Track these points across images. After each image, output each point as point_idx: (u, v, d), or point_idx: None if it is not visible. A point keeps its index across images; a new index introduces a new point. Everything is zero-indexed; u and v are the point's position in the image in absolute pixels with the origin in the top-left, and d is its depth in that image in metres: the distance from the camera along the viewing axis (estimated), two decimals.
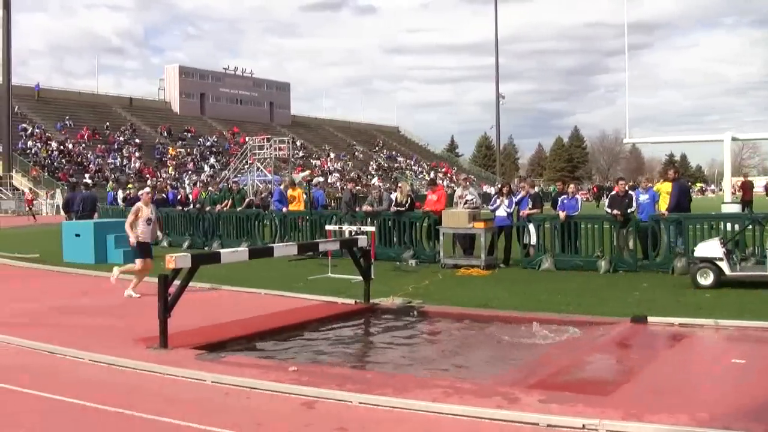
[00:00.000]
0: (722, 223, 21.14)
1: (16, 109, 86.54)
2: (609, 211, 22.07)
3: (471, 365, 11.76)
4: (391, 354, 12.69)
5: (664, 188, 23.25)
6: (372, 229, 22.87)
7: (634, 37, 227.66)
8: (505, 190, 24.44)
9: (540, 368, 10.96)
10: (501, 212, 23.77)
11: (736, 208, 29.68)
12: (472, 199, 24.61)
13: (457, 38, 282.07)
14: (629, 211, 21.66)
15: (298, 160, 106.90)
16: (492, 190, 51.10)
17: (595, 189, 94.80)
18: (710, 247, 18.08)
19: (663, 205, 22.69)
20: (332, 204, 42.89)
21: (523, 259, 22.73)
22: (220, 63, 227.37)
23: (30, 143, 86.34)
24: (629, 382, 10.01)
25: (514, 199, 23.94)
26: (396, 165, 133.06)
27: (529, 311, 15.24)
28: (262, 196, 30.62)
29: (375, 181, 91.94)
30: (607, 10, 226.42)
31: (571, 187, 23.96)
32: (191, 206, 33.64)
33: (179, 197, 36.69)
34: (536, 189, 26.14)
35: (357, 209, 27.36)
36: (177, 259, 12.25)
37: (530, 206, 23.54)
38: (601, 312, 14.95)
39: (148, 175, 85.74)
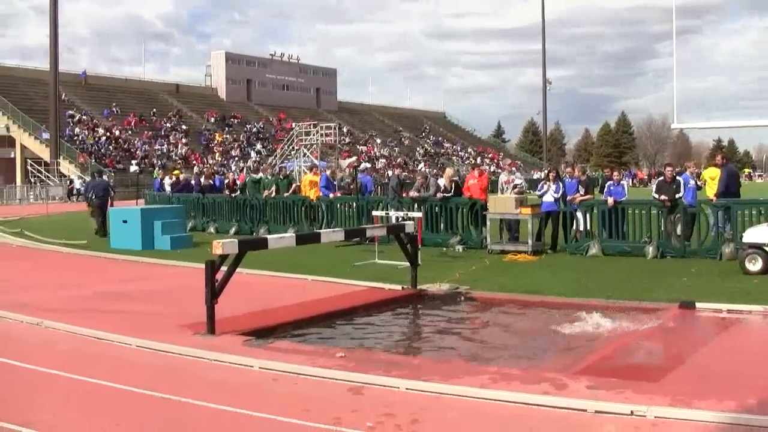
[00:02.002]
0: None
1: (63, 96, 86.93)
2: (656, 196, 21.92)
3: (518, 351, 11.74)
4: (438, 340, 12.70)
5: (712, 174, 23.11)
6: (419, 215, 22.83)
7: (683, 21, 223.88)
8: (551, 175, 24.36)
9: (588, 354, 10.93)
10: (548, 198, 23.70)
11: None
12: (520, 183, 24.58)
13: (504, 23, 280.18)
14: (677, 196, 21.51)
15: (344, 146, 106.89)
16: (542, 176, 50.99)
17: (654, 174, 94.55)
18: (759, 233, 17.93)
19: (711, 190, 22.54)
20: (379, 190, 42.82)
21: (570, 245, 22.65)
22: (266, 49, 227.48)
23: (77, 130, 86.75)
24: (677, 368, 9.94)
25: (561, 185, 23.86)
26: (442, 151, 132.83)
27: (576, 297, 15.21)
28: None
29: (421, 166, 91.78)
30: None
31: (615, 174, 23.79)
32: (239, 191, 33.84)
33: (227, 182, 36.87)
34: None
35: (404, 195, 27.33)
36: (224, 245, 12.29)
37: (582, 192, 23.41)
38: (648, 298, 14.85)
39: (194, 162, 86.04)
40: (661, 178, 23.08)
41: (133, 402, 8.84)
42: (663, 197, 21.50)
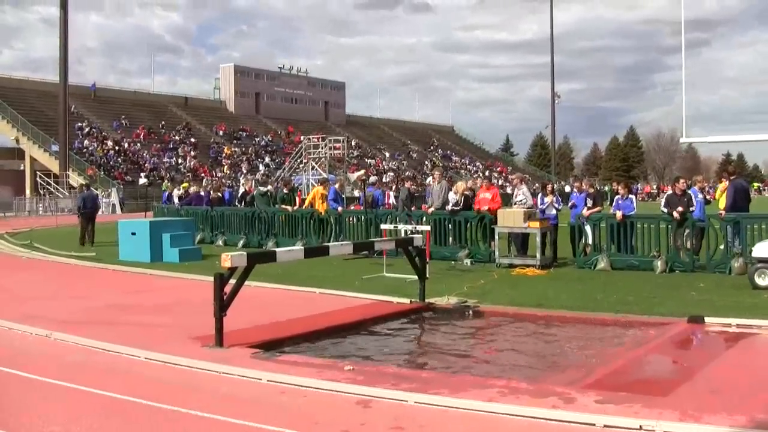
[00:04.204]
0: None
1: (72, 109, 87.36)
2: (665, 210, 21.89)
3: (527, 365, 11.72)
4: (447, 354, 12.67)
5: (723, 188, 23.09)
6: (427, 228, 22.84)
7: (692, 34, 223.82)
8: (549, 188, 24.59)
9: (596, 368, 10.90)
10: (552, 211, 23.80)
11: None
12: (522, 200, 24.55)
13: (513, 36, 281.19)
14: (691, 209, 21.50)
15: (353, 159, 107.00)
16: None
17: (663, 188, 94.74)
18: None
19: (721, 204, 22.51)
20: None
21: (578, 259, 22.63)
22: (274, 61, 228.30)
23: (86, 142, 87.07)
24: (687, 382, 9.92)
25: (559, 197, 24.08)
26: (451, 164, 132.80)
27: (584, 311, 15.21)
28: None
29: (430, 180, 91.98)
30: (666, 6, 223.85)
31: (621, 189, 23.71)
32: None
33: (245, 190, 36.83)
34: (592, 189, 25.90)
35: (413, 208, 27.33)
36: (233, 258, 12.30)
37: (589, 206, 23.39)
38: (657, 312, 14.86)
39: (203, 174, 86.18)
40: (670, 191, 23.06)
41: (141, 414, 8.84)
42: (677, 210, 21.40)
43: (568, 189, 65.13)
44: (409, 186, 29.61)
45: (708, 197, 24.68)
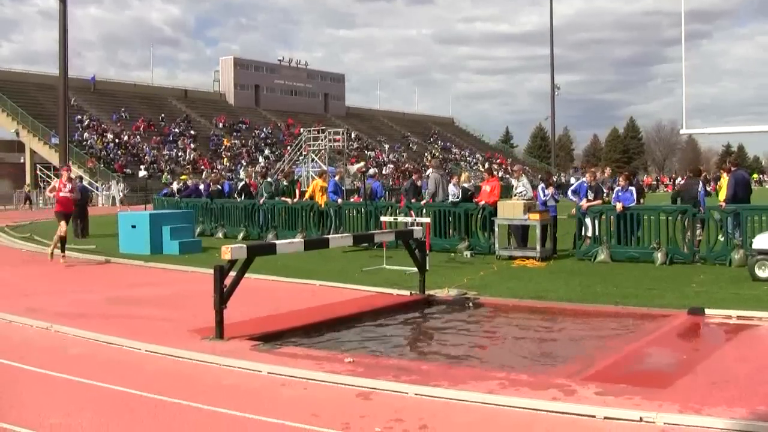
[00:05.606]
0: None
1: (72, 101, 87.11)
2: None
3: (527, 357, 11.71)
4: (447, 345, 12.66)
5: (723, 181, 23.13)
6: (427, 220, 22.82)
7: (692, 26, 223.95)
8: (552, 180, 24.57)
9: (596, 360, 10.89)
10: (552, 202, 23.78)
11: None
12: (522, 192, 24.50)
13: (513, 28, 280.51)
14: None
15: (352, 151, 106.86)
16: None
17: (663, 180, 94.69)
18: None
19: (721, 196, 22.52)
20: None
21: (578, 251, 22.61)
22: (274, 54, 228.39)
23: (86, 135, 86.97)
24: (687, 374, 9.90)
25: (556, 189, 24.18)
26: (451, 156, 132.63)
27: (585, 303, 15.20)
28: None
29: (429, 171, 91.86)
30: None
31: (621, 181, 23.57)
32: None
33: (246, 181, 36.70)
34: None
35: (413, 200, 27.30)
36: (233, 250, 12.28)
37: (591, 197, 23.31)
38: (657, 304, 14.83)
39: (203, 167, 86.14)
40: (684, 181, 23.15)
41: (141, 406, 8.82)
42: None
43: (573, 181, 65.26)
44: (415, 179, 29.62)
45: (708, 189, 24.66)
